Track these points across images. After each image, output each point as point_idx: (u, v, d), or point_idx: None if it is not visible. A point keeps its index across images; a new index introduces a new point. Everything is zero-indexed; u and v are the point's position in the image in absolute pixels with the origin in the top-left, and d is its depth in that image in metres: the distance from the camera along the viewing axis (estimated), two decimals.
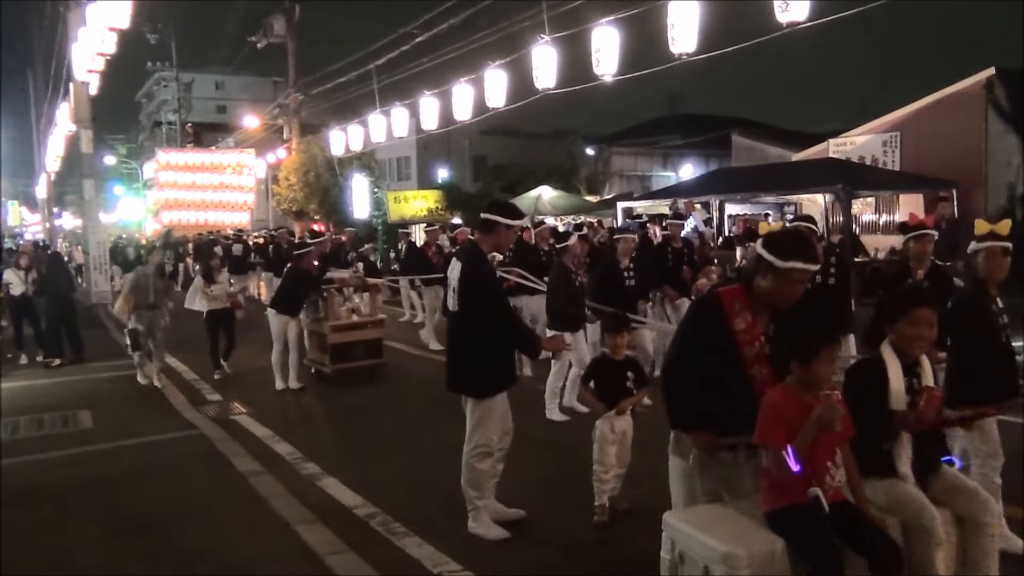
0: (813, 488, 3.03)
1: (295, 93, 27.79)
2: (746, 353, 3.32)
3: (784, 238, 3.42)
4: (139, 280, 10.12)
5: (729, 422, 3.31)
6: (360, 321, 10.16)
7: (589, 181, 33.53)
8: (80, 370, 11.44)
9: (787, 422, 3.05)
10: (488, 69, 14.99)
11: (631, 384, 5.32)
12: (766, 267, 3.27)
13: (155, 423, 8.21)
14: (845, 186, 14.07)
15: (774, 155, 23.13)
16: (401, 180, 36.05)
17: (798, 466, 2.99)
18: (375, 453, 7.09)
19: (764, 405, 3.14)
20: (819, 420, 3.00)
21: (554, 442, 7.11)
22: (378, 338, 10.22)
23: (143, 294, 10.00)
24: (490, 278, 5.03)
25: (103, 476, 6.52)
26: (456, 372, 5.03)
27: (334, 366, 9.82)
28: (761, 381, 3.30)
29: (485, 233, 5.06)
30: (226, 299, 10.63)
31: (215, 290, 10.56)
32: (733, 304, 3.36)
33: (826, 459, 3.13)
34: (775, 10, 9.56)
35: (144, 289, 10.02)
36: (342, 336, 9.87)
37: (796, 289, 3.26)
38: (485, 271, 4.98)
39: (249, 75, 57.86)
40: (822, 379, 3.09)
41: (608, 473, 5.16)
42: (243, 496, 5.90)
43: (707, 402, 3.36)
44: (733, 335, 3.32)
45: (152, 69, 63.80)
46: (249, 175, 30.78)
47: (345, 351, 9.84)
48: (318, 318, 10.10)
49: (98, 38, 12.65)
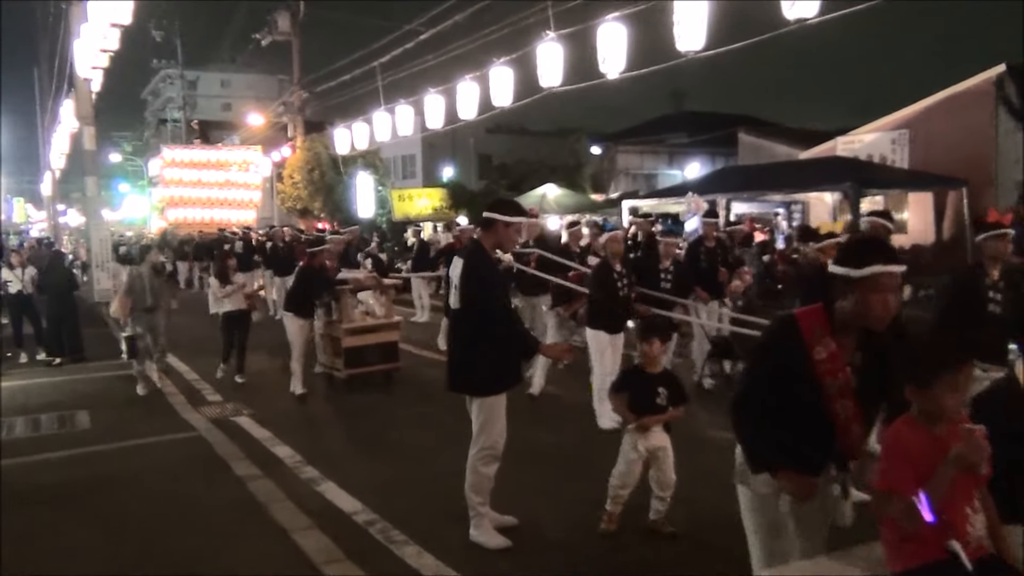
0: (951, 542, 2.51)
1: (299, 91, 27.72)
2: (828, 385, 2.87)
3: (853, 243, 3.12)
4: (134, 281, 9.69)
5: (812, 462, 2.91)
6: (375, 324, 9.71)
7: (594, 179, 33.41)
8: (79, 369, 11.34)
9: (916, 462, 2.54)
10: (493, 66, 14.88)
11: (662, 401, 4.93)
12: (843, 284, 2.85)
13: (154, 424, 8.10)
14: (853, 184, 13.92)
15: (781, 153, 22.97)
16: (406, 178, 35.99)
17: (933, 515, 2.46)
18: (377, 457, 6.98)
19: (888, 442, 2.66)
20: (959, 460, 2.45)
21: (562, 448, 7.00)
22: (394, 341, 9.79)
23: (140, 295, 9.57)
24: (492, 275, 4.91)
25: (99, 479, 6.41)
26: (458, 371, 4.92)
27: (348, 371, 9.39)
28: (845, 418, 2.90)
29: (486, 231, 4.97)
30: (242, 300, 10.30)
31: (229, 290, 10.20)
32: (813, 329, 2.91)
33: (964, 505, 2.57)
34: (783, 6, 9.46)
35: (140, 290, 9.59)
36: (356, 339, 9.42)
37: (886, 300, 2.80)
38: (487, 268, 4.87)
39: (255, 73, 57.78)
40: (948, 409, 2.57)
41: (624, 490, 4.92)
42: (240, 501, 5.79)
43: (786, 440, 2.93)
44: (813, 365, 2.88)
45: (157, 67, 63.69)
46: (256, 172, 30.65)
47: (359, 355, 9.42)
48: (331, 320, 9.67)
49: (100, 34, 12.56)
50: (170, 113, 57.37)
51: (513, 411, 5.05)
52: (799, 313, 3.01)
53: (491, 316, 4.79)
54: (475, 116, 16.10)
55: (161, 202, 34.66)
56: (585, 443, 6.99)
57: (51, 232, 39.64)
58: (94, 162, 16.42)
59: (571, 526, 5.16)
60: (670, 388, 4.99)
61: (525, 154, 31.77)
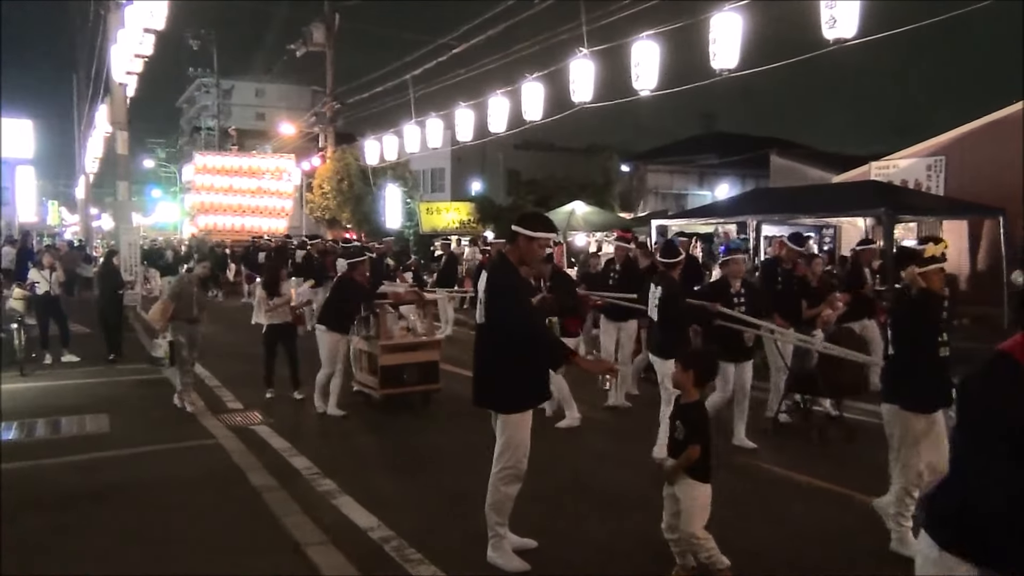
0: None
1: (332, 102, 27.90)
2: None
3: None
4: (182, 289, 9.23)
5: None
6: (416, 341, 9.11)
7: (623, 198, 33.26)
8: (103, 372, 11.36)
9: None
10: (525, 81, 14.85)
11: (679, 435, 4.51)
12: None
13: (172, 431, 8.05)
14: (887, 209, 13.64)
15: (814, 176, 22.70)
16: (434, 191, 36.06)
17: None
18: (396, 471, 6.87)
19: None
20: None
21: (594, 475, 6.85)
22: (435, 361, 9.11)
23: (185, 305, 9.11)
24: (515, 288, 4.76)
25: (114, 485, 6.34)
26: (484, 386, 4.78)
27: (383, 391, 8.79)
28: None
29: (510, 244, 4.86)
30: (288, 312, 9.77)
31: (278, 302, 9.67)
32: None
33: None
34: (822, 26, 9.32)
35: (187, 299, 9.13)
36: (394, 357, 8.82)
37: None
38: (510, 281, 4.73)
39: (288, 83, 58.38)
40: None
41: (669, 534, 4.58)
42: (255, 512, 5.68)
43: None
44: None
45: (193, 75, 64.60)
46: (288, 181, 30.54)
47: (396, 374, 8.82)
48: (369, 336, 9.16)
49: (135, 40, 12.68)
50: (204, 121, 58.23)
51: (540, 430, 4.91)
52: (1010, 347, 2.17)
53: (515, 330, 4.65)
54: (505, 130, 16.08)
55: (192, 208, 34.75)
56: (620, 465, 6.84)
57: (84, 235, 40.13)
58: (127, 167, 16.52)
59: (593, 551, 5.01)
60: (685, 422, 4.51)
61: (553, 171, 31.70)
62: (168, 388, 10.30)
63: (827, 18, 9.22)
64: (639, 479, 6.29)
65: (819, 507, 5.91)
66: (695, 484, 4.46)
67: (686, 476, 4.46)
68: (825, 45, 9.49)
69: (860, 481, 6.00)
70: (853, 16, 9.08)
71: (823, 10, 9.22)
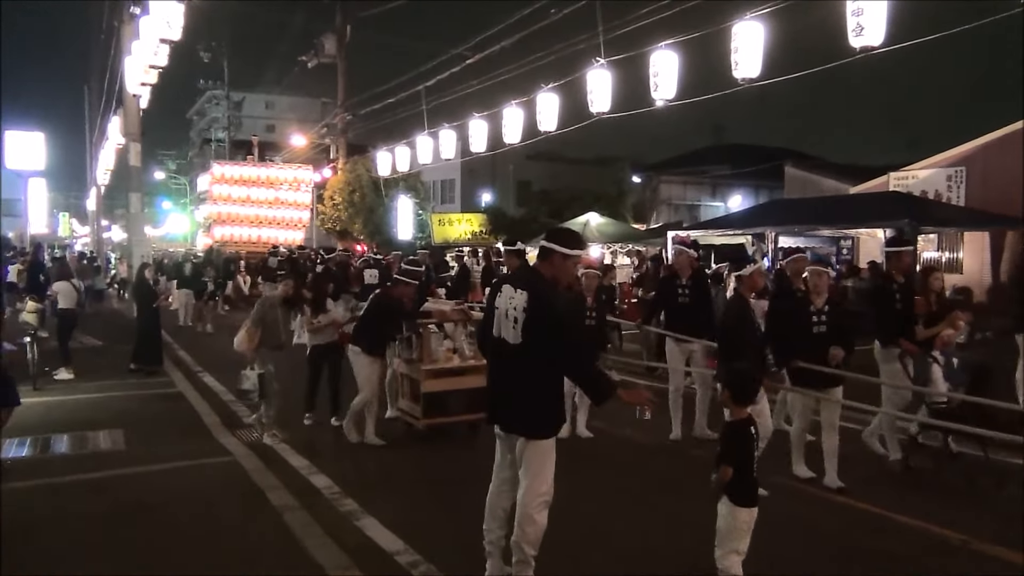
0: None
1: (343, 113, 27.85)
2: None
3: None
4: (266, 313, 8.30)
5: None
6: (462, 366, 8.26)
7: (636, 209, 33.13)
8: (119, 386, 11.20)
9: None
10: (540, 92, 14.71)
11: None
12: None
13: (188, 447, 7.87)
14: (911, 221, 13.46)
15: (829, 187, 22.53)
16: (445, 203, 36.01)
17: None
18: (423, 491, 6.63)
19: None
20: None
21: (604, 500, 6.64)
22: (483, 387, 8.26)
23: (271, 329, 8.26)
24: (565, 308, 4.56)
25: (128, 504, 6.16)
26: (517, 410, 4.47)
27: (427, 420, 7.94)
28: None
29: (542, 261, 4.61)
30: (334, 331, 8.87)
31: (323, 320, 8.84)
32: None
33: None
34: (848, 34, 9.15)
35: (273, 324, 8.28)
36: (439, 383, 8.01)
37: None
38: (559, 301, 4.53)
39: (299, 95, 58.52)
40: None
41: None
42: (275, 534, 5.49)
43: None
44: None
45: (204, 87, 64.83)
46: (306, 191, 29.99)
47: (440, 402, 7.96)
48: (411, 359, 8.34)
49: (150, 51, 12.60)
50: (214, 133, 58.37)
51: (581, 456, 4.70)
52: None
53: (568, 360, 4.43)
54: (519, 141, 15.95)
55: (208, 219, 34.39)
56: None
57: (95, 247, 40.21)
58: (139, 179, 16.49)
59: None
60: (721, 440, 4.54)
61: (564, 182, 31.59)
62: (183, 401, 10.19)
63: (854, 26, 9.06)
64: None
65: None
66: (732, 506, 4.36)
67: (724, 496, 4.37)
68: (852, 53, 9.33)
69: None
70: (881, 24, 8.92)
71: (849, 18, 9.07)
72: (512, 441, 4.52)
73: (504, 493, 4.59)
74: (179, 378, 11.82)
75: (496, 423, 4.62)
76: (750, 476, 4.37)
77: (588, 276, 8.12)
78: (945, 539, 5.50)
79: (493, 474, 4.65)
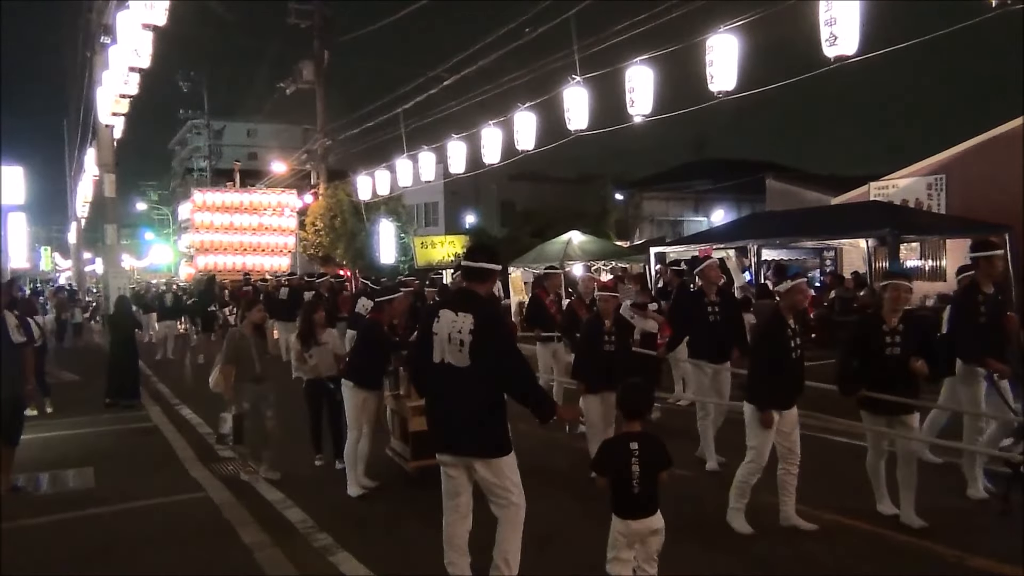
0: None
1: (323, 138, 27.74)
2: None
3: None
4: (237, 344, 7.64)
5: None
6: None
7: (619, 226, 33.10)
8: (93, 422, 10.94)
9: None
10: (518, 111, 14.65)
11: None
12: None
13: (160, 483, 7.62)
14: (892, 230, 13.41)
15: (810, 199, 22.54)
16: (428, 225, 35.91)
17: None
18: (399, 524, 6.40)
19: None
20: None
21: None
22: None
23: (246, 363, 7.59)
24: (509, 327, 4.59)
25: (95, 548, 5.92)
26: (474, 434, 4.44)
27: (415, 462, 7.12)
28: None
29: (476, 281, 4.65)
30: (333, 365, 7.84)
31: (315, 356, 7.87)
32: None
33: None
34: (822, 44, 9.10)
35: (246, 354, 7.61)
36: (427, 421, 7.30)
37: None
38: (503, 320, 4.58)
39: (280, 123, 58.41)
40: None
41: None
42: (247, 574, 5.29)
43: None
44: None
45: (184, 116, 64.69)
46: (291, 216, 29.41)
47: (431, 442, 7.08)
48: (397, 394, 7.64)
49: (120, 79, 12.44)
50: (196, 162, 58.14)
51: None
52: None
53: (516, 372, 4.47)
54: (498, 161, 15.87)
55: (191, 247, 33.91)
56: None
57: (76, 280, 39.83)
58: (114, 210, 16.20)
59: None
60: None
61: (548, 201, 31.58)
62: (158, 435, 9.94)
63: (827, 35, 9.01)
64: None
65: None
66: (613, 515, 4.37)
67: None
68: (826, 64, 9.28)
69: None
70: (854, 33, 8.88)
71: (823, 28, 9.02)
72: (462, 464, 4.53)
73: (459, 520, 4.62)
74: (156, 412, 11.55)
75: (447, 451, 4.57)
76: (628, 489, 4.28)
77: (604, 299, 7.25)
78: None
79: (444, 504, 4.62)
